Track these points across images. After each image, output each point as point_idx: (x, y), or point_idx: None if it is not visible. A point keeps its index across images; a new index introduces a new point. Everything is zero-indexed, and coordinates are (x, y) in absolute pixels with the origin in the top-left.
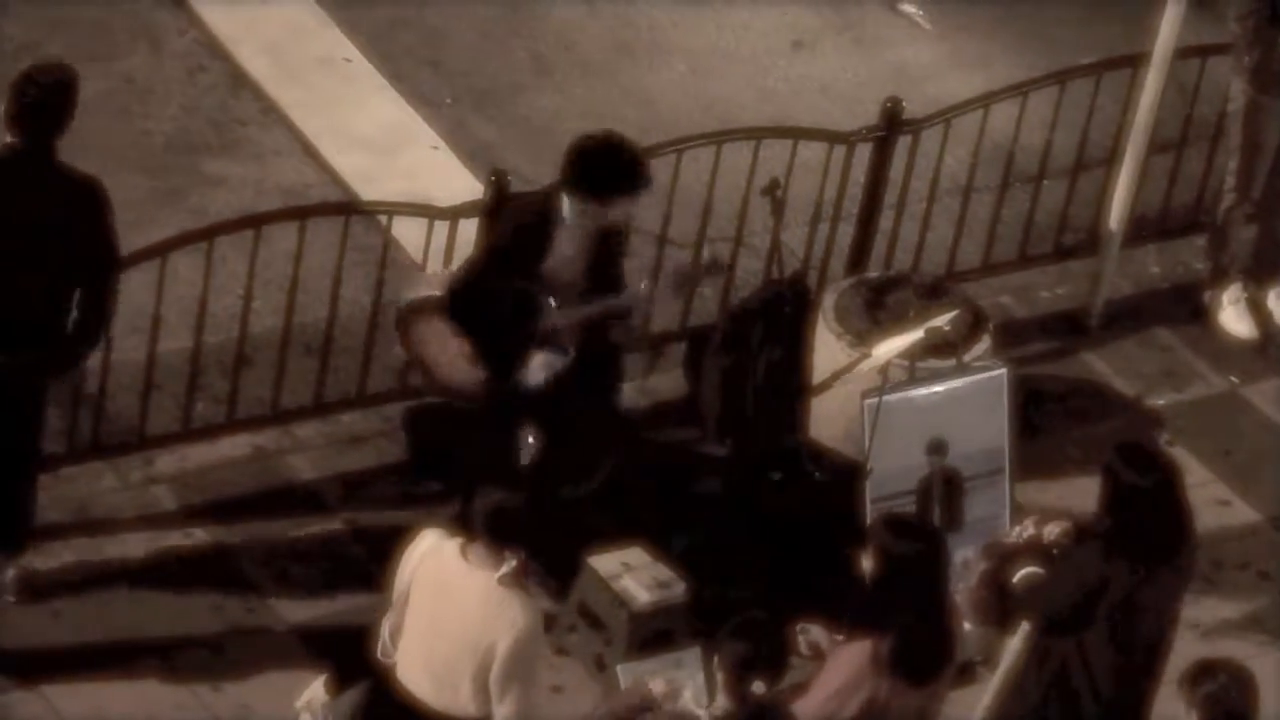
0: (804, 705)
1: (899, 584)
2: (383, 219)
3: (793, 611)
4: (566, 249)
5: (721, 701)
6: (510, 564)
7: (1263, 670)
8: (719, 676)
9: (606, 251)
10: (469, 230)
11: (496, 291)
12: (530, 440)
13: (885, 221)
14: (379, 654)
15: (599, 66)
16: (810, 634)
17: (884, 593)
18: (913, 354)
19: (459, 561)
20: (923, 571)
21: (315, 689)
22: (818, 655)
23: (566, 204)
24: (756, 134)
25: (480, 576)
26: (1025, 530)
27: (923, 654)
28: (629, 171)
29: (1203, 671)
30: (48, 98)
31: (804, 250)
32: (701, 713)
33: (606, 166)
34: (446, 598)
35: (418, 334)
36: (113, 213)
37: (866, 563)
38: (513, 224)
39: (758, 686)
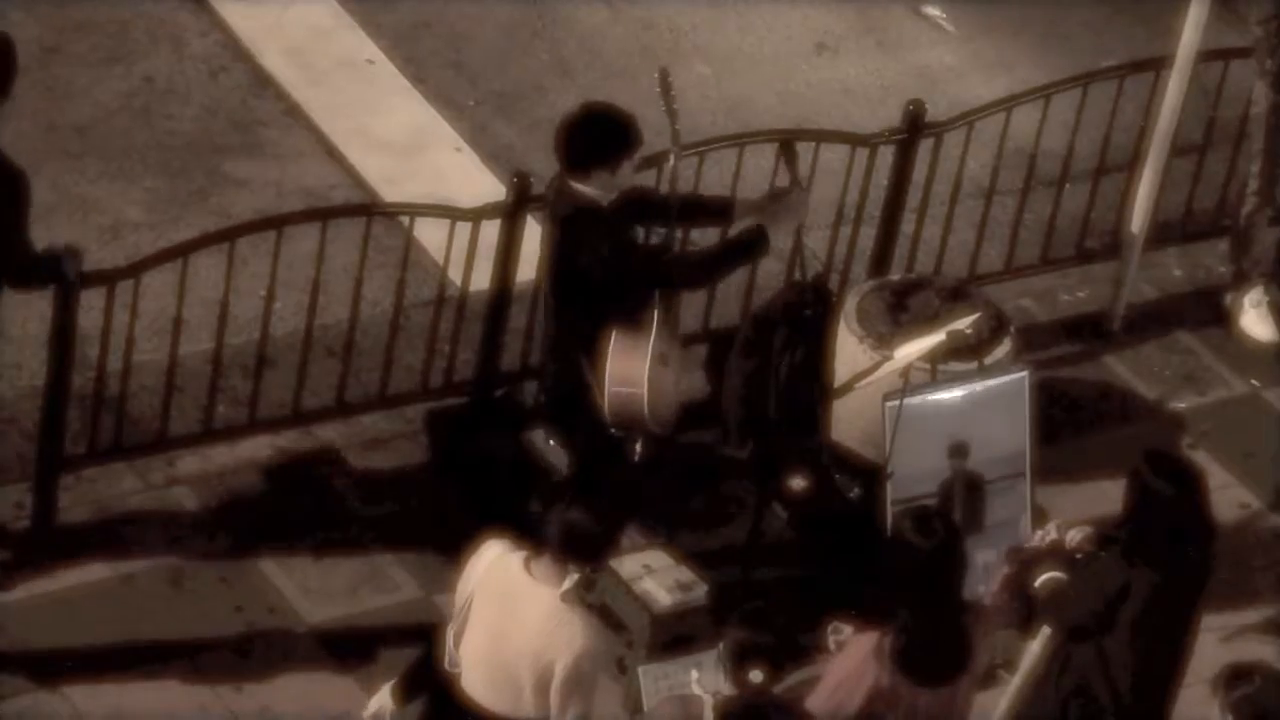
0: (813, 698)
1: (913, 577)
2: (405, 220)
3: (816, 612)
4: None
5: (727, 688)
6: (573, 579)
7: None
8: (725, 664)
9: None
10: (491, 232)
11: None
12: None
13: (907, 224)
14: (445, 664)
15: (621, 69)
16: (842, 634)
17: (897, 584)
18: (934, 357)
19: (523, 574)
20: (938, 568)
21: (382, 697)
22: None
23: (582, 189)
24: (779, 136)
25: (543, 592)
26: (1048, 535)
27: (927, 652)
28: (624, 132)
29: (1237, 674)
30: None
31: (826, 253)
32: (706, 697)
33: (605, 132)
34: (509, 609)
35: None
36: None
37: (885, 553)
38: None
39: (755, 675)
